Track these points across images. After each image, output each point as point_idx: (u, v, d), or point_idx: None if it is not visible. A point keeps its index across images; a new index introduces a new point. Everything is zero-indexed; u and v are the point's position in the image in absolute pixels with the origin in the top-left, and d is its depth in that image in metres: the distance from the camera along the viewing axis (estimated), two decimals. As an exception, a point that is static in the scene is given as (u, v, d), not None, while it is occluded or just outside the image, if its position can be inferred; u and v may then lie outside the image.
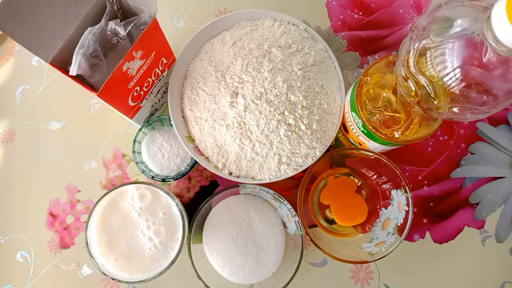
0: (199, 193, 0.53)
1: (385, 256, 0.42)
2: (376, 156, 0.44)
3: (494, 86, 0.29)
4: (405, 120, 0.40)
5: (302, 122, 0.45)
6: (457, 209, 0.53)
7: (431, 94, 0.32)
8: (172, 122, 0.48)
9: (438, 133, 0.54)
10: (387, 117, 0.41)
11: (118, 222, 0.44)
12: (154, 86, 0.47)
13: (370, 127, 0.41)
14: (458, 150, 0.54)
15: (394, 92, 0.40)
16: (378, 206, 0.48)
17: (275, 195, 0.47)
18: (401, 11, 0.57)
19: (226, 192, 0.48)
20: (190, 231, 0.47)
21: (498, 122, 0.55)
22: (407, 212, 0.43)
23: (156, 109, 0.52)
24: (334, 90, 0.48)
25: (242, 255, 0.47)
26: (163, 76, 0.48)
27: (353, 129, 0.45)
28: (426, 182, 0.53)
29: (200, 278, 0.45)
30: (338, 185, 0.51)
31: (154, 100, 0.50)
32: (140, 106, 0.47)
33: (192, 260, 0.46)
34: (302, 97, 0.45)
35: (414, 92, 0.33)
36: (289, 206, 0.46)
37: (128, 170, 0.54)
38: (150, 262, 0.44)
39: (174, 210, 0.45)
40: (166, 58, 0.46)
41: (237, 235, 0.48)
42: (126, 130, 0.55)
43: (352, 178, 0.51)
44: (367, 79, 0.42)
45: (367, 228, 0.48)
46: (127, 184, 0.44)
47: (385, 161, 0.43)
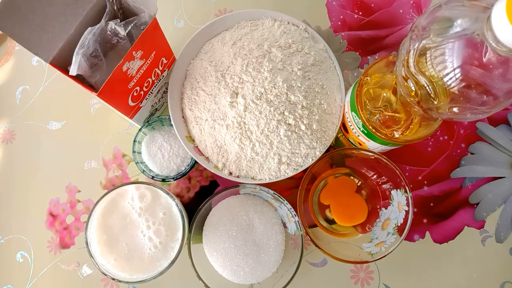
0: (199, 193, 0.53)
1: (385, 256, 0.42)
2: (376, 156, 0.44)
3: (494, 86, 0.29)
4: (405, 120, 0.40)
5: (302, 122, 0.45)
6: (457, 209, 0.53)
7: (431, 94, 0.32)
8: (172, 122, 0.48)
9: (438, 133, 0.54)
10: (387, 117, 0.41)
11: (118, 222, 0.44)
12: (154, 86, 0.47)
13: (370, 127, 0.41)
14: (458, 150, 0.54)
15: (394, 92, 0.40)
16: (378, 206, 0.48)
17: (275, 195, 0.47)
18: (401, 11, 0.57)
19: (226, 192, 0.48)
20: (190, 231, 0.47)
21: (498, 122, 0.55)
22: (407, 212, 0.43)
23: (156, 109, 0.52)
24: (334, 90, 0.48)
25: (242, 255, 0.47)
26: (163, 76, 0.48)
27: (353, 129, 0.45)
28: (426, 182, 0.53)
29: (200, 278, 0.45)
30: (338, 185, 0.51)
31: (154, 100, 0.50)
32: (140, 106, 0.47)
33: (192, 260, 0.46)
34: (302, 97, 0.45)
35: (414, 92, 0.33)
36: (289, 206, 0.46)
37: (128, 170, 0.54)
38: (150, 262, 0.44)
39: (174, 210, 0.45)
40: (166, 58, 0.46)
41: (237, 235, 0.48)
42: (126, 130, 0.55)
43: (352, 178, 0.51)
44: (367, 79, 0.42)
45: (367, 228, 0.48)
46: (127, 184, 0.44)
47: (385, 161, 0.43)
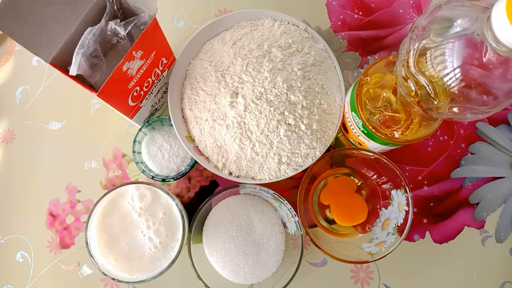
0: (199, 193, 0.53)
1: (385, 256, 0.42)
2: (376, 156, 0.44)
3: (494, 86, 0.29)
4: (405, 120, 0.40)
5: (302, 122, 0.45)
6: (457, 209, 0.53)
7: (431, 94, 0.32)
8: (172, 122, 0.48)
9: (438, 133, 0.54)
10: (387, 117, 0.41)
11: (118, 222, 0.44)
12: (154, 86, 0.47)
13: (370, 127, 0.41)
14: (458, 150, 0.54)
15: (394, 92, 0.40)
16: (378, 206, 0.48)
17: (275, 195, 0.47)
18: (401, 11, 0.57)
19: (226, 192, 0.48)
20: (190, 231, 0.47)
21: (498, 122, 0.55)
22: (407, 212, 0.43)
23: (156, 109, 0.52)
24: (334, 90, 0.48)
25: (242, 255, 0.47)
26: (163, 76, 0.48)
27: (353, 129, 0.45)
28: (426, 182, 0.53)
29: (200, 278, 0.45)
30: (338, 185, 0.51)
31: (154, 100, 0.50)
32: (140, 106, 0.47)
33: (192, 260, 0.46)
34: (302, 97, 0.45)
35: (414, 92, 0.33)
36: (289, 206, 0.46)
37: (128, 170, 0.54)
38: (150, 262, 0.44)
39: (174, 210, 0.45)
40: (166, 58, 0.46)
41: (237, 235, 0.48)
42: (126, 130, 0.55)
43: (352, 178, 0.51)
44: (367, 79, 0.42)
45: (367, 228, 0.48)
46: (127, 184, 0.44)
47: (385, 161, 0.43)
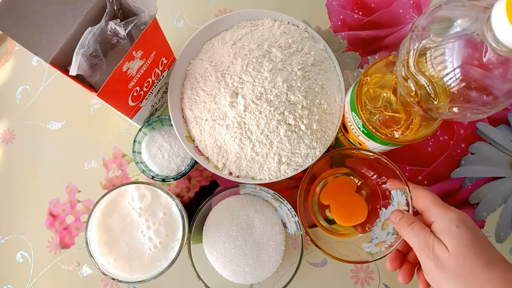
0: (199, 193, 0.53)
1: (385, 256, 0.42)
2: (376, 156, 0.44)
3: (494, 86, 0.29)
4: (405, 120, 0.40)
5: (302, 122, 0.45)
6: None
7: (431, 94, 0.32)
8: (172, 122, 0.48)
9: (438, 133, 0.54)
10: (387, 117, 0.41)
11: (118, 222, 0.44)
12: (154, 86, 0.47)
13: (370, 127, 0.41)
14: (458, 150, 0.54)
15: (394, 92, 0.40)
16: (378, 206, 0.48)
17: (275, 195, 0.47)
18: (401, 11, 0.57)
19: (226, 192, 0.48)
20: (190, 231, 0.47)
21: (498, 122, 0.55)
22: (407, 212, 0.43)
23: (156, 109, 0.52)
24: (334, 90, 0.48)
25: (242, 255, 0.47)
26: (163, 76, 0.48)
27: (353, 129, 0.45)
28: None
29: (200, 278, 0.45)
30: (338, 185, 0.51)
31: (154, 100, 0.50)
32: (140, 106, 0.47)
33: (192, 260, 0.46)
34: (302, 97, 0.45)
35: (414, 92, 0.33)
36: (289, 206, 0.46)
37: (128, 170, 0.54)
38: (150, 262, 0.44)
39: (174, 210, 0.45)
40: (166, 58, 0.46)
41: (237, 235, 0.48)
42: (126, 130, 0.55)
43: (352, 178, 0.51)
44: (367, 79, 0.42)
45: (367, 228, 0.48)
46: (127, 184, 0.44)
47: (385, 161, 0.43)
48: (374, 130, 0.41)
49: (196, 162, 0.48)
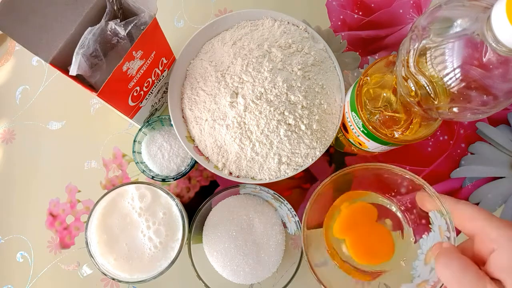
0: (199, 193, 0.53)
1: None
2: (382, 167, 0.37)
3: (494, 86, 0.29)
4: (405, 120, 0.40)
5: (302, 122, 0.45)
6: None
7: (431, 94, 0.32)
8: (172, 122, 0.48)
9: (438, 133, 0.54)
10: (387, 117, 0.41)
11: (118, 222, 0.44)
12: (154, 86, 0.47)
13: (370, 127, 0.41)
14: (458, 150, 0.54)
15: (394, 92, 0.40)
16: (412, 238, 0.39)
17: (275, 195, 0.47)
18: (401, 11, 0.57)
19: (226, 192, 0.48)
20: (190, 231, 0.47)
21: (498, 122, 0.55)
22: (449, 239, 0.32)
23: (156, 109, 0.52)
24: (334, 90, 0.48)
25: (242, 255, 0.47)
26: (163, 76, 0.48)
27: (353, 129, 0.45)
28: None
29: (200, 278, 0.45)
30: (354, 214, 0.42)
31: (154, 100, 0.50)
32: (140, 106, 0.47)
33: (192, 260, 0.46)
34: (302, 97, 0.45)
35: (414, 92, 0.33)
36: (289, 206, 0.46)
37: (128, 170, 0.54)
38: (150, 262, 0.44)
39: (174, 210, 0.45)
40: (166, 58, 0.46)
41: (237, 235, 0.48)
42: (126, 130, 0.55)
43: (370, 204, 0.42)
44: (367, 79, 0.42)
45: (403, 262, 0.39)
46: (127, 184, 0.44)
47: (399, 172, 0.35)
48: (374, 130, 0.41)
49: (196, 162, 0.48)
